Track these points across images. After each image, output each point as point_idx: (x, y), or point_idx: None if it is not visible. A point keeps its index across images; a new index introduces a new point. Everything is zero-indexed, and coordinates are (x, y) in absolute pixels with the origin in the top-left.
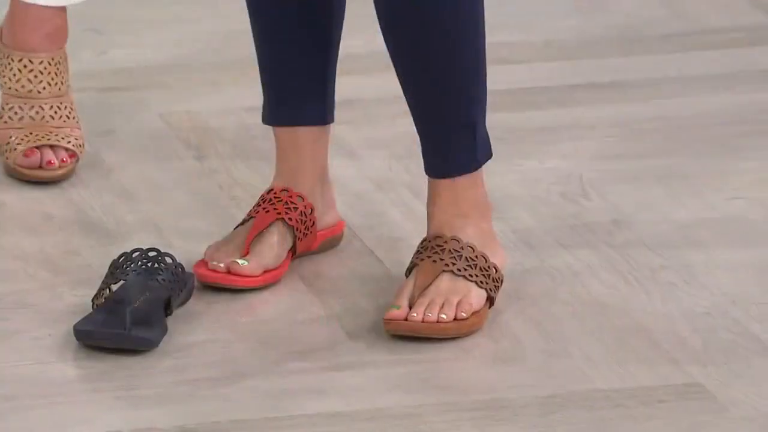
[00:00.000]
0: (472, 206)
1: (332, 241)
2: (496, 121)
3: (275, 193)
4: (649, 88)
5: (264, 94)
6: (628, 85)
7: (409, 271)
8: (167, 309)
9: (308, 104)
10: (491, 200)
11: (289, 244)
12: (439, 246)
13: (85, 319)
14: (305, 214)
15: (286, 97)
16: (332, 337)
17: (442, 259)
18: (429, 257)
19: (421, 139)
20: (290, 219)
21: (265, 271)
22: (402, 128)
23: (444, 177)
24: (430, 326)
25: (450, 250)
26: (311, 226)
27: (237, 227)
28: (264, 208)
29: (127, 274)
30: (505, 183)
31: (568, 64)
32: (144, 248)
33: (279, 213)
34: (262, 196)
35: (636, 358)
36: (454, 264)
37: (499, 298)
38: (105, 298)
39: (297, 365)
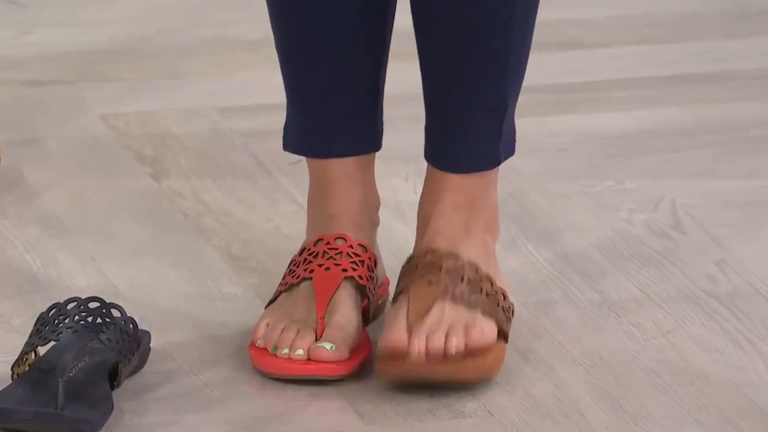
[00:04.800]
0: (480, 217)
1: (382, 307)
2: (556, 125)
3: (329, 244)
4: (762, 81)
5: (300, 118)
6: (735, 77)
7: (395, 299)
8: (114, 379)
9: (366, 126)
10: (551, 231)
11: (360, 309)
12: (432, 264)
13: (3, 394)
14: (371, 269)
15: (340, 120)
16: (337, 419)
17: (438, 281)
18: (422, 278)
19: (431, 119)
20: (360, 277)
21: (352, 351)
22: None
23: (455, 171)
24: (438, 368)
25: (447, 270)
26: (377, 286)
27: (280, 294)
28: (321, 265)
29: (60, 333)
30: (570, 209)
31: (655, 50)
32: (82, 297)
33: (345, 270)
34: (307, 248)
35: None
36: (454, 287)
37: (563, 365)
38: (29, 366)
39: None
